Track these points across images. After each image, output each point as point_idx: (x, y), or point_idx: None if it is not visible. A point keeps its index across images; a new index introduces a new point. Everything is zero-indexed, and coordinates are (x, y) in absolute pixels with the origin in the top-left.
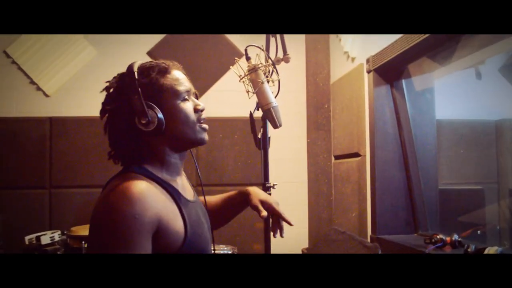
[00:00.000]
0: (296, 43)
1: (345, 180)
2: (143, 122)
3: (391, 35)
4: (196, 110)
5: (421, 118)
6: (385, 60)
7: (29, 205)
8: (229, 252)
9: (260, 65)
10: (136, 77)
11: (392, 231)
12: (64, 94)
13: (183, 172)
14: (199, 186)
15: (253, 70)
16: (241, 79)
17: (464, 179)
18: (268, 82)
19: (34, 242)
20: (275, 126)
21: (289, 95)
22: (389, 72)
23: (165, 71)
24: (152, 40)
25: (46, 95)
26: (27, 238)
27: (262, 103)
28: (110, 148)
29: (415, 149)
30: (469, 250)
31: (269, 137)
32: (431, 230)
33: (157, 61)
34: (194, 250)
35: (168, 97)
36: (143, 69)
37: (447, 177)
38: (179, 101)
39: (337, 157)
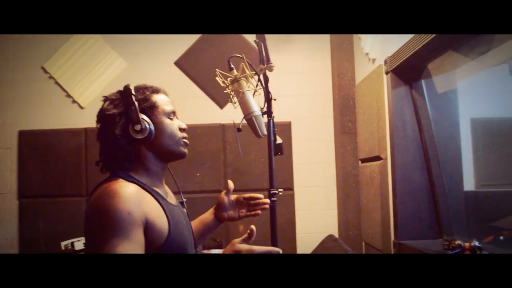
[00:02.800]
0: (321, 44)
1: (369, 184)
2: (137, 129)
3: (410, 36)
4: (181, 129)
5: (444, 119)
6: (402, 60)
7: (67, 212)
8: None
9: (240, 76)
10: (133, 93)
11: (415, 236)
12: (97, 105)
13: (163, 181)
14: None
15: (234, 80)
16: (224, 89)
17: (504, 180)
18: (254, 92)
19: (69, 247)
20: (258, 135)
21: (316, 98)
22: (407, 73)
23: (156, 92)
24: (178, 51)
25: (81, 107)
26: (63, 243)
27: (244, 113)
28: (99, 156)
29: (437, 151)
30: None
31: (281, 143)
32: (457, 235)
33: (150, 85)
34: (175, 246)
35: (158, 113)
36: (139, 88)
37: (485, 178)
38: (166, 118)
39: (362, 161)
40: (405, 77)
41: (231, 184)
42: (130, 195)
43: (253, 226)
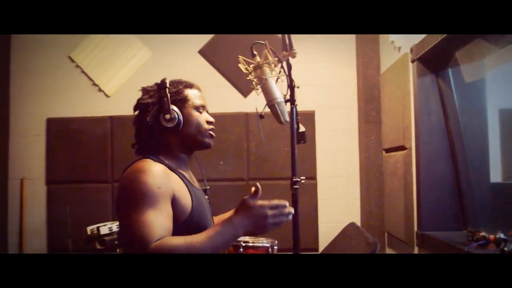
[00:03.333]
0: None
1: (393, 174)
2: (167, 118)
3: None
4: (208, 122)
5: (471, 109)
6: (428, 48)
7: (94, 198)
8: (268, 245)
9: (263, 62)
10: (168, 86)
11: (439, 227)
12: (123, 94)
13: (189, 167)
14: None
15: (257, 67)
16: (246, 76)
17: None
18: (277, 79)
19: (95, 232)
20: (280, 122)
21: (340, 87)
22: (434, 61)
23: (189, 87)
24: (202, 40)
25: (107, 96)
26: (89, 228)
27: (267, 99)
28: (135, 139)
29: (463, 142)
30: (505, 249)
31: (304, 131)
32: (481, 227)
33: (185, 80)
34: (196, 223)
35: (188, 106)
36: (174, 82)
37: None
38: (195, 111)
39: (386, 151)
40: (431, 66)
41: (256, 188)
42: (159, 172)
43: (258, 184)
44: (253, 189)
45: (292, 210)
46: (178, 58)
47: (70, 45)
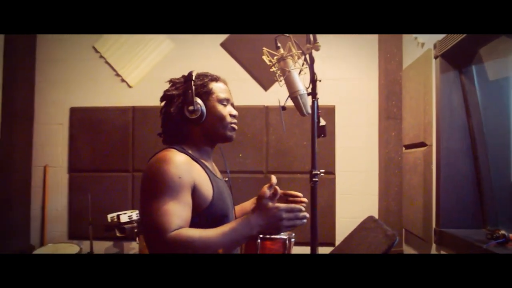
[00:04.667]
0: None
1: (412, 171)
2: (190, 109)
3: None
4: (231, 115)
5: (494, 107)
6: (452, 45)
7: (114, 187)
8: (285, 238)
9: (287, 54)
10: (193, 79)
11: (457, 225)
12: (145, 84)
13: (212, 158)
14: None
15: (281, 59)
16: (270, 67)
17: None
18: (300, 71)
19: (115, 220)
20: (302, 113)
21: (361, 82)
22: (457, 57)
23: (215, 80)
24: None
25: (129, 86)
26: (109, 216)
27: (290, 91)
28: (161, 128)
29: (485, 140)
30: None
31: (324, 125)
32: (501, 225)
33: (211, 73)
34: (217, 211)
35: (212, 99)
36: (200, 75)
37: None
38: (219, 104)
39: (406, 147)
40: (454, 62)
41: (274, 179)
42: (181, 162)
43: (274, 178)
44: (273, 178)
45: (307, 215)
46: (200, 50)
47: (94, 35)
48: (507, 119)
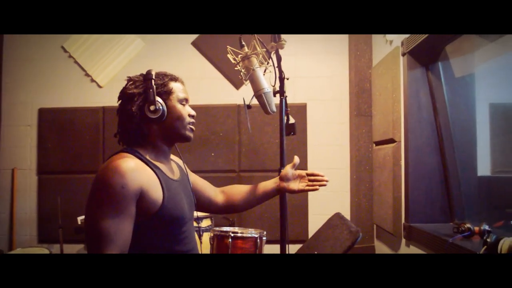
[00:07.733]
0: None
1: (382, 167)
2: (151, 109)
3: None
4: (190, 115)
5: (460, 103)
6: (419, 42)
7: (85, 189)
8: (256, 236)
9: (251, 53)
10: (154, 77)
11: (426, 219)
12: (115, 84)
13: (169, 159)
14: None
15: (245, 57)
16: (235, 66)
17: None
18: (265, 69)
19: None
20: (267, 112)
21: (332, 80)
22: (424, 55)
23: (174, 80)
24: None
25: (99, 86)
26: (79, 218)
27: (254, 89)
28: (117, 129)
29: (452, 135)
30: (488, 240)
31: (294, 123)
32: (468, 219)
33: (170, 73)
34: (167, 215)
35: (172, 98)
36: (159, 74)
37: (502, 164)
38: (179, 104)
39: (376, 144)
40: (421, 59)
41: (297, 159)
42: (128, 169)
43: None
44: (296, 159)
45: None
46: (171, 49)
47: (63, 35)
48: (473, 115)
